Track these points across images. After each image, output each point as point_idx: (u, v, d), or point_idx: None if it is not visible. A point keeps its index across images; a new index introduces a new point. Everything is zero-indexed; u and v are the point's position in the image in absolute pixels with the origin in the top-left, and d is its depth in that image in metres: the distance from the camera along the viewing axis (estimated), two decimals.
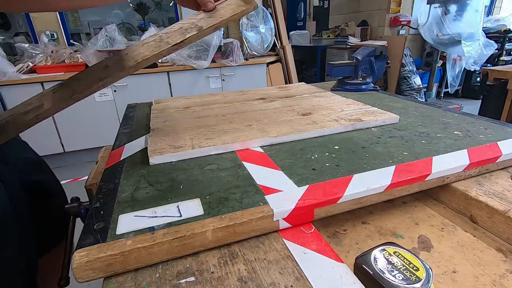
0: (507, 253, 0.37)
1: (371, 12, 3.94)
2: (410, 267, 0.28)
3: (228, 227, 0.36)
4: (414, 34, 3.73)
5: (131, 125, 0.80)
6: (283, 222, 0.39)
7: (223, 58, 2.83)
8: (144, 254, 0.33)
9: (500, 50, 3.67)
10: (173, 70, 2.70)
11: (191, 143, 0.58)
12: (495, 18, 3.90)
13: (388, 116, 0.69)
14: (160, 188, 0.45)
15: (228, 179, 0.47)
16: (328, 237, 0.42)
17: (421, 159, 0.50)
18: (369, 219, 0.46)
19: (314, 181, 0.45)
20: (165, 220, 0.37)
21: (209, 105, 0.89)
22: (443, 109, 0.79)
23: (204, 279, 0.32)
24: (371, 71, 1.06)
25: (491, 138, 0.58)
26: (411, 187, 0.45)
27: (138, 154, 0.59)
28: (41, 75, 2.42)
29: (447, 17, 3.07)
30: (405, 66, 3.61)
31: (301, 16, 5.76)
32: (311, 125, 0.65)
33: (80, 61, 2.58)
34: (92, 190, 0.67)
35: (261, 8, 3.02)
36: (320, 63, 4.60)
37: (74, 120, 2.55)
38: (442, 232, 0.42)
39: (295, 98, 0.92)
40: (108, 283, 0.32)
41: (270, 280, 0.31)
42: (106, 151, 0.86)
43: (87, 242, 0.33)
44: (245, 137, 0.60)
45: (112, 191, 0.45)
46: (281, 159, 0.53)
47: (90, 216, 0.39)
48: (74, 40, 2.79)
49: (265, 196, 0.41)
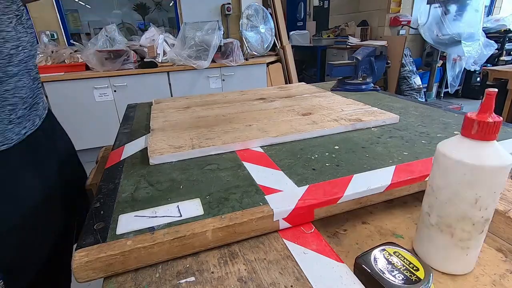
0: (507, 253, 0.37)
1: (371, 12, 3.94)
2: (410, 267, 0.28)
3: (228, 227, 0.36)
4: (414, 34, 3.73)
5: (131, 125, 0.80)
6: (283, 222, 0.39)
7: (223, 58, 2.83)
8: (144, 254, 0.33)
9: (500, 50, 3.67)
10: (173, 70, 2.70)
11: (191, 143, 0.58)
12: (495, 18, 3.90)
13: (388, 116, 0.69)
14: (160, 188, 0.45)
15: (228, 179, 0.47)
16: (328, 237, 0.42)
17: (421, 159, 0.50)
18: (369, 219, 0.46)
19: (314, 181, 0.45)
20: (165, 220, 0.37)
21: (209, 105, 0.89)
22: (443, 109, 0.79)
23: (204, 279, 0.32)
24: (371, 71, 1.06)
25: None
26: (411, 187, 0.45)
27: (138, 154, 0.59)
28: (41, 75, 2.41)
29: (447, 17, 3.07)
30: (405, 66, 3.61)
31: (301, 16, 5.76)
32: (311, 125, 0.65)
33: (80, 61, 2.58)
34: (92, 190, 0.67)
35: (261, 8, 3.02)
36: (320, 63, 4.60)
37: (74, 120, 2.54)
38: None
39: (295, 98, 0.92)
40: (108, 283, 0.32)
41: (270, 280, 0.31)
42: (106, 151, 0.86)
43: (87, 242, 0.33)
44: (245, 137, 0.60)
45: (112, 191, 0.45)
46: (281, 159, 0.53)
47: (90, 216, 0.39)
48: (74, 40, 2.79)
49: (265, 196, 0.41)
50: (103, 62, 2.47)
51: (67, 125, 2.75)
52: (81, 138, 2.63)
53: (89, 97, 2.53)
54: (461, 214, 0.30)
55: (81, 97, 2.51)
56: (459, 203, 0.30)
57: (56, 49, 2.59)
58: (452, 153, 0.30)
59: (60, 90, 2.42)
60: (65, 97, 2.45)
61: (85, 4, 2.99)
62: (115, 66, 2.50)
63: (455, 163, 0.29)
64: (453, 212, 0.31)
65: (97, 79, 2.48)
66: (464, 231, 0.31)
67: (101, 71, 2.49)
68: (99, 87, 2.52)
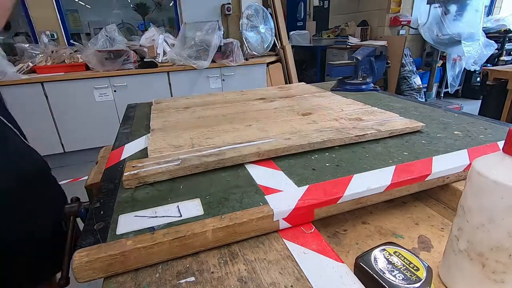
0: None
1: (371, 12, 3.94)
2: (410, 267, 0.28)
3: (228, 227, 0.36)
4: (414, 34, 3.73)
5: (131, 125, 0.80)
6: (283, 222, 0.38)
7: (223, 58, 2.83)
8: (144, 254, 0.33)
9: (500, 50, 3.67)
10: (173, 70, 2.70)
11: (191, 142, 0.58)
12: (495, 18, 3.90)
13: (388, 116, 0.69)
14: (160, 188, 0.45)
15: (228, 179, 0.47)
16: (328, 237, 0.42)
17: (421, 159, 0.50)
18: (369, 219, 0.46)
19: (314, 181, 0.45)
20: (165, 220, 0.37)
21: (209, 105, 0.89)
22: (443, 109, 0.79)
23: (204, 279, 0.32)
24: (371, 71, 1.06)
25: (491, 138, 0.58)
26: (411, 187, 0.45)
27: (138, 154, 0.59)
28: (41, 75, 2.41)
29: (447, 17, 3.07)
30: (405, 66, 3.61)
31: (301, 16, 5.76)
32: (311, 125, 0.65)
33: (80, 61, 2.58)
34: (92, 190, 0.67)
35: (261, 8, 3.02)
36: (320, 63, 4.60)
37: (74, 120, 2.54)
38: (442, 232, 0.42)
39: (295, 98, 0.92)
40: (108, 283, 0.32)
41: (270, 280, 0.31)
42: (106, 151, 0.86)
43: (87, 242, 0.33)
44: (245, 137, 0.60)
45: (112, 191, 0.45)
46: (281, 159, 0.53)
47: (90, 216, 0.39)
48: (74, 40, 2.79)
49: (265, 196, 0.41)
50: (103, 62, 2.47)
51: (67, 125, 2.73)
52: (81, 138, 2.64)
53: (89, 97, 2.53)
54: (495, 243, 0.26)
55: (81, 97, 2.51)
56: (493, 230, 0.26)
57: (56, 49, 2.59)
58: (489, 171, 0.26)
59: (60, 90, 2.42)
60: (65, 97, 2.45)
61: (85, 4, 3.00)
62: (115, 66, 2.50)
63: (492, 184, 0.25)
64: (486, 239, 0.27)
65: (97, 79, 2.48)
66: (499, 262, 0.27)
67: (101, 71, 2.49)
68: (99, 87, 2.52)
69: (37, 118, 2.43)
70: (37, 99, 2.37)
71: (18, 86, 2.31)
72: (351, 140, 0.58)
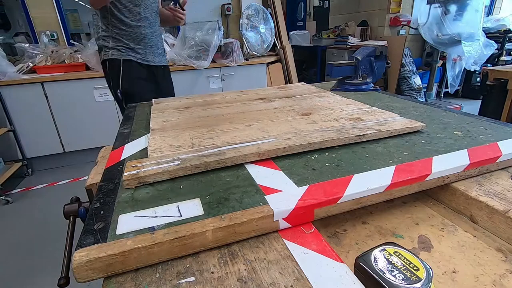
0: (507, 253, 0.37)
1: (371, 12, 3.94)
2: (410, 267, 0.28)
3: (228, 227, 0.36)
4: (414, 34, 3.73)
5: (131, 125, 0.80)
6: (283, 222, 0.38)
7: (223, 58, 2.83)
8: (144, 254, 0.33)
9: (500, 50, 3.67)
10: (173, 70, 2.68)
11: (191, 142, 0.58)
12: (495, 18, 3.90)
13: (388, 116, 0.69)
14: (160, 188, 0.45)
15: (228, 179, 0.47)
16: (328, 237, 0.42)
17: (421, 159, 0.50)
18: (369, 219, 0.46)
19: (314, 181, 0.45)
20: (165, 220, 0.37)
21: (209, 105, 0.89)
22: (443, 109, 0.79)
23: (204, 279, 0.32)
24: (371, 71, 1.06)
25: (491, 138, 0.58)
26: (411, 187, 0.45)
27: (138, 154, 0.59)
28: (41, 75, 2.42)
29: (447, 17, 3.07)
30: (405, 66, 3.61)
31: (301, 16, 5.76)
32: (311, 124, 0.65)
33: (80, 61, 2.58)
34: (92, 190, 0.67)
35: (261, 8, 3.02)
36: (320, 63, 4.60)
37: (74, 120, 2.55)
38: (442, 232, 0.42)
39: (295, 98, 0.92)
40: (108, 283, 0.32)
41: (270, 280, 0.31)
42: (106, 151, 0.86)
43: (87, 242, 0.33)
44: (245, 136, 0.60)
45: (112, 191, 0.45)
46: (281, 159, 0.53)
47: (90, 216, 0.39)
48: (74, 40, 2.79)
49: (265, 196, 0.41)
50: None
51: (67, 125, 2.73)
52: (81, 138, 2.63)
53: (89, 97, 2.53)
54: None
55: (81, 97, 2.51)
56: None
57: (56, 49, 2.59)
58: None
59: (60, 90, 2.42)
60: (65, 97, 2.45)
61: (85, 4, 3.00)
62: None
63: None
64: None
65: (97, 79, 2.48)
66: None
67: (101, 71, 2.49)
68: (99, 87, 2.52)
69: (37, 118, 2.43)
70: (37, 99, 2.37)
71: (18, 86, 2.31)
72: (351, 140, 0.58)
